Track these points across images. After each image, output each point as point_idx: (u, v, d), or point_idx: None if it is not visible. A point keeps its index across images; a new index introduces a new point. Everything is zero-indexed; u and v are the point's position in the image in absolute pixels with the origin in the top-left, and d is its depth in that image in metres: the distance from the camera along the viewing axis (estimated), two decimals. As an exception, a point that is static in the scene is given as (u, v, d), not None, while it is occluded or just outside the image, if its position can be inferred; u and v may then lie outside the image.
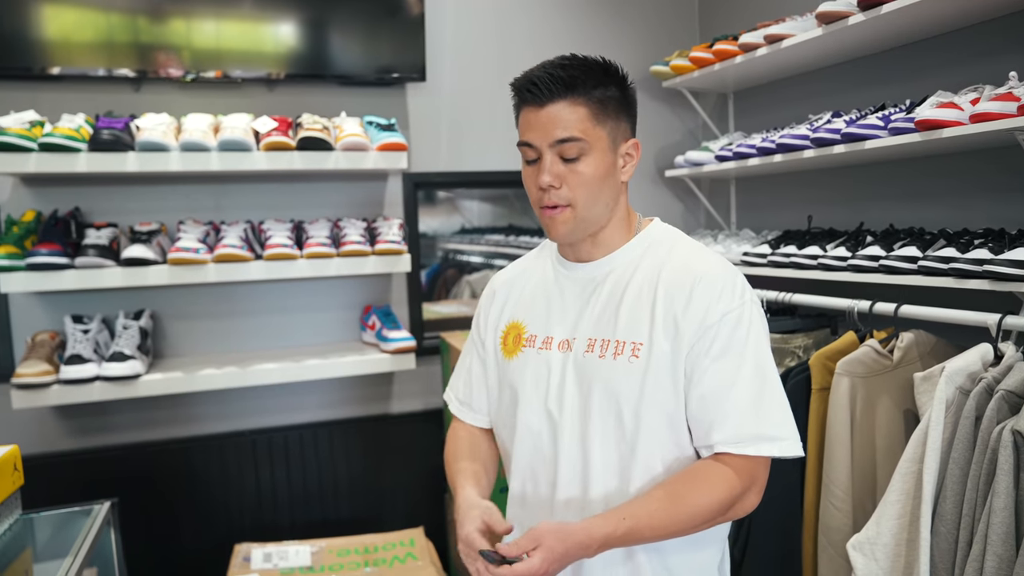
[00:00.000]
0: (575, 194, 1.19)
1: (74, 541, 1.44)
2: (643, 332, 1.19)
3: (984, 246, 1.71)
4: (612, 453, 1.22)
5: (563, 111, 1.17)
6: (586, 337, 1.24)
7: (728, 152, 2.57)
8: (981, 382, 1.46)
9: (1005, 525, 1.31)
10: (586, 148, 1.18)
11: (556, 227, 1.22)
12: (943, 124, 1.75)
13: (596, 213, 1.22)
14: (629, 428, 1.20)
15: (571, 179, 1.18)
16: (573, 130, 1.17)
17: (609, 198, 1.23)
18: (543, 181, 1.18)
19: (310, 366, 2.49)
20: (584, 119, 1.17)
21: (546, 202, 1.21)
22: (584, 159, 1.18)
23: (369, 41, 2.69)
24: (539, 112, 1.18)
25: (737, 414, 1.16)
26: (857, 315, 1.94)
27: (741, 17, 2.91)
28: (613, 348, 1.20)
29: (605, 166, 1.20)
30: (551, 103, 1.17)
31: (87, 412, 2.52)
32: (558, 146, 1.17)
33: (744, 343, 1.17)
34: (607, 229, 1.27)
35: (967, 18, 1.97)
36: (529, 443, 1.30)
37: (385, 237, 2.54)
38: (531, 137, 1.19)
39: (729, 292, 1.19)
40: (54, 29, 2.36)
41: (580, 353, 1.24)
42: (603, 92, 1.19)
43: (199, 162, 2.29)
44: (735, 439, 1.16)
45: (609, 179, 1.22)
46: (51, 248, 2.19)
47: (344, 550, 2.40)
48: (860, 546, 1.54)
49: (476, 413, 1.43)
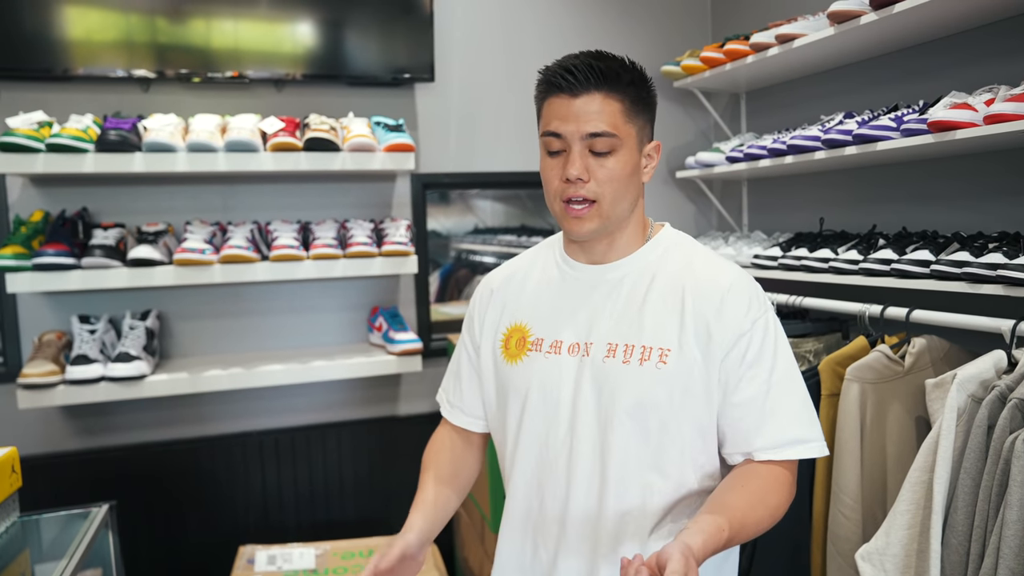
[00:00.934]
0: (603, 190, 1.15)
1: (71, 544, 1.43)
2: (671, 338, 1.16)
3: (998, 250, 1.67)
4: (633, 464, 1.17)
5: (598, 103, 1.14)
6: (605, 342, 1.19)
7: (739, 153, 2.53)
8: (994, 390, 1.42)
9: (1018, 538, 1.27)
10: (617, 144, 1.15)
11: (581, 224, 1.17)
12: (957, 125, 1.71)
13: (620, 211, 1.19)
14: (655, 436, 1.16)
15: (600, 174, 1.15)
16: (608, 124, 1.14)
17: (632, 197, 1.21)
18: (571, 173, 1.14)
19: (316, 367, 2.49)
20: (618, 114, 1.14)
21: (570, 195, 1.16)
22: (614, 155, 1.15)
23: (381, 41, 2.68)
24: (572, 102, 1.14)
25: (775, 420, 1.16)
26: (868, 320, 1.90)
27: (753, 17, 2.87)
28: (639, 354, 1.17)
29: (632, 164, 1.18)
30: (586, 93, 1.14)
31: (93, 412, 2.52)
32: (590, 139, 1.14)
33: (774, 348, 1.18)
34: (625, 231, 1.24)
35: (981, 17, 1.93)
36: (535, 454, 1.24)
37: (392, 238, 2.52)
38: (560, 127, 1.15)
39: (756, 300, 1.19)
40: (75, 30, 2.37)
41: (599, 358, 1.19)
42: (636, 91, 1.17)
43: (206, 163, 2.29)
44: (775, 444, 1.16)
45: (634, 178, 1.19)
46: (58, 248, 2.19)
47: (349, 553, 2.39)
48: (869, 556, 1.51)
49: (466, 416, 1.40)
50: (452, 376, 1.43)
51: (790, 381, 1.19)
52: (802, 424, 1.18)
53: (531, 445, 1.25)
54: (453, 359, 1.44)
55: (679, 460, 1.17)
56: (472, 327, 1.38)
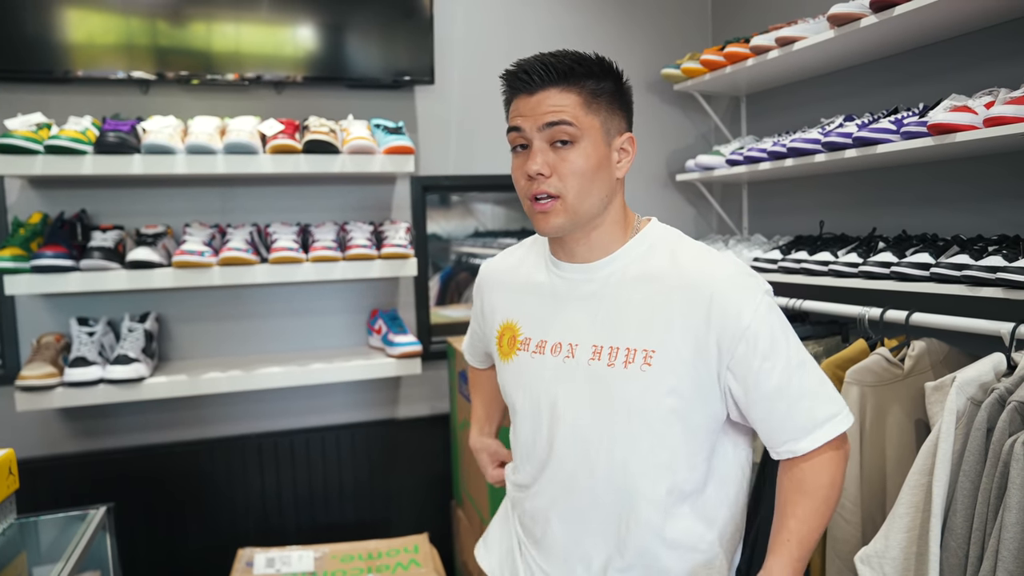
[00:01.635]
0: (565, 184, 1.14)
1: (68, 546, 1.43)
2: (655, 339, 1.15)
3: (998, 253, 1.67)
4: (618, 463, 1.17)
5: (555, 97, 1.14)
6: (591, 344, 1.19)
7: (739, 156, 2.53)
8: (993, 393, 1.42)
9: (1017, 541, 1.27)
10: (577, 134, 1.14)
11: (546, 220, 1.16)
12: (956, 128, 1.71)
13: (588, 206, 1.17)
14: (643, 440, 1.16)
15: (561, 167, 1.14)
16: (563, 114, 1.13)
17: (603, 192, 1.18)
18: (531, 168, 1.14)
19: (315, 370, 2.48)
20: (575, 105, 1.14)
21: (534, 191, 1.16)
22: (575, 147, 1.14)
23: (381, 44, 2.68)
24: (529, 99, 1.15)
25: (804, 403, 1.16)
26: (868, 323, 1.89)
27: (753, 19, 2.87)
28: (624, 356, 1.16)
29: (597, 157, 1.16)
30: (542, 89, 1.14)
31: (91, 415, 2.52)
32: (547, 130, 1.14)
33: (782, 332, 1.17)
34: (602, 229, 1.21)
35: (981, 20, 1.93)
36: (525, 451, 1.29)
37: (391, 241, 2.52)
38: (520, 122, 1.16)
39: (751, 291, 1.16)
40: (76, 33, 2.37)
41: (584, 361, 1.19)
42: (596, 83, 1.16)
43: (205, 165, 2.29)
44: (811, 428, 1.16)
45: (602, 172, 1.17)
46: (56, 250, 2.19)
47: (347, 556, 2.38)
48: (868, 559, 1.50)
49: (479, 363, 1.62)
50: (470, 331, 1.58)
51: (806, 363, 1.18)
52: (828, 400, 1.19)
53: (526, 438, 1.29)
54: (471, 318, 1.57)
55: (669, 462, 1.17)
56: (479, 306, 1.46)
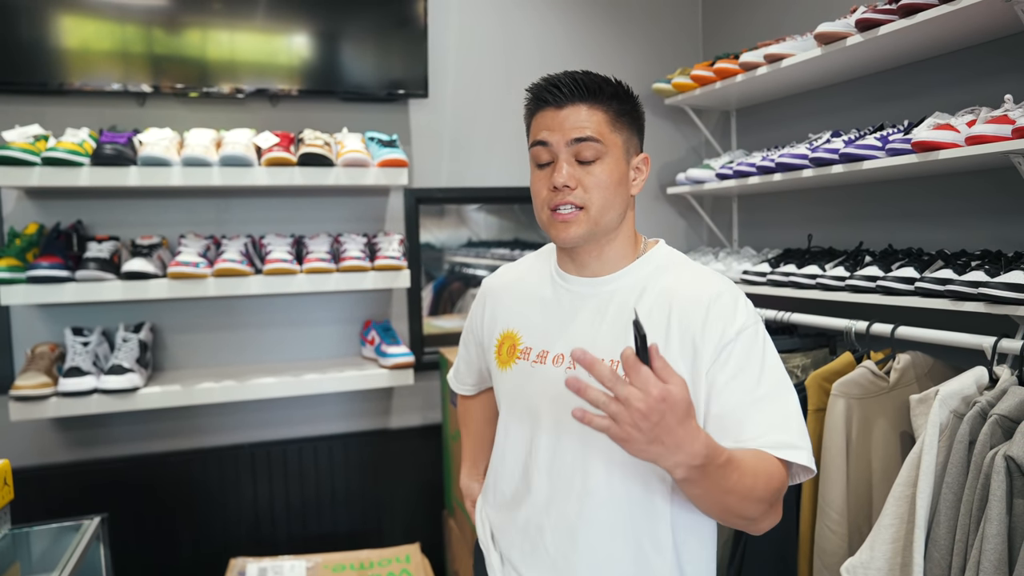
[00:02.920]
0: (590, 196, 1.18)
1: (62, 556, 1.44)
2: None
3: (980, 268, 1.70)
4: (617, 478, 1.19)
5: (584, 113, 1.19)
6: None
7: (728, 170, 2.57)
8: (975, 406, 1.45)
9: (997, 552, 1.29)
10: (603, 151, 1.19)
11: (568, 229, 1.19)
12: (939, 146, 1.75)
13: (608, 220, 1.21)
14: None
15: (587, 180, 1.18)
16: (592, 131, 1.18)
17: (621, 207, 1.23)
18: (558, 180, 1.18)
19: (309, 380, 2.50)
20: (603, 123, 1.19)
21: (558, 202, 1.19)
22: (600, 162, 1.19)
23: (376, 57, 2.71)
24: (558, 113, 1.19)
25: (757, 427, 1.12)
26: (855, 335, 1.92)
27: (743, 36, 2.92)
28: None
29: (620, 173, 1.21)
30: (571, 104, 1.19)
31: (85, 424, 2.53)
32: (575, 145, 1.18)
33: (762, 360, 1.16)
34: (614, 244, 1.25)
35: (965, 40, 1.97)
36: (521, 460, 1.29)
37: (385, 252, 2.54)
38: (547, 136, 1.20)
39: (743, 310, 1.18)
40: (71, 43, 2.39)
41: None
42: (620, 104, 1.22)
43: (200, 177, 2.31)
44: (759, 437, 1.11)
45: (622, 187, 1.22)
46: (52, 261, 2.20)
47: (340, 565, 2.39)
48: (854, 570, 1.53)
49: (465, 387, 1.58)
50: (461, 360, 1.57)
51: (778, 393, 1.15)
52: (789, 431, 1.13)
53: (519, 450, 1.29)
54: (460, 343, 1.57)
55: (661, 476, 1.18)
56: (474, 322, 1.45)
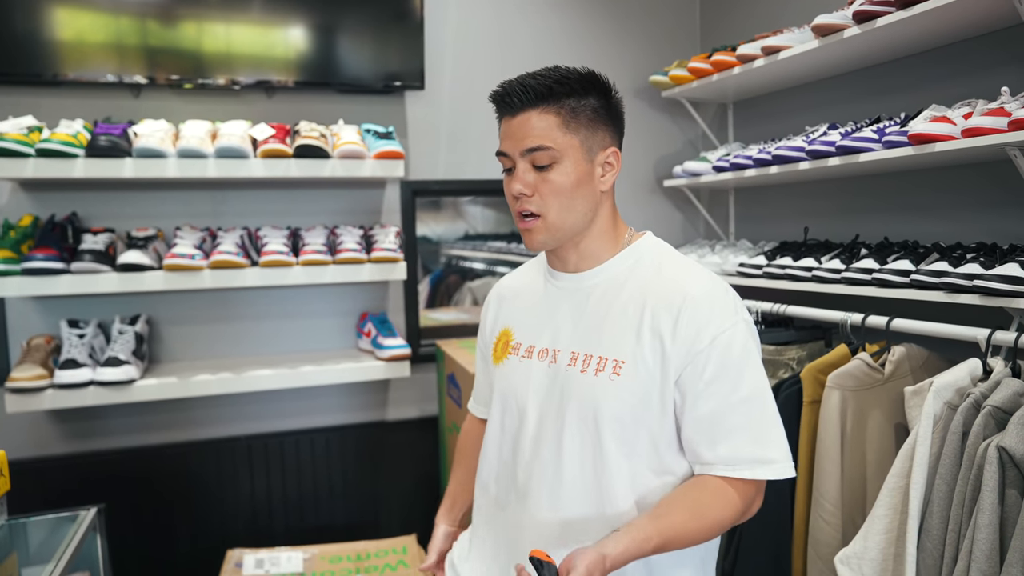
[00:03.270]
0: (546, 202, 1.19)
1: (59, 547, 1.44)
2: (626, 350, 1.17)
3: (975, 261, 1.70)
4: (588, 471, 1.19)
5: (532, 120, 1.18)
6: (570, 350, 1.23)
7: (725, 163, 2.57)
8: (969, 397, 1.45)
9: (989, 542, 1.30)
10: (557, 156, 1.17)
11: (531, 237, 1.23)
12: (936, 138, 1.75)
13: (571, 222, 1.21)
14: (606, 445, 1.17)
15: (542, 188, 1.19)
16: (542, 139, 1.17)
17: (585, 207, 1.21)
18: (514, 189, 1.20)
19: (305, 373, 2.50)
20: (553, 127, 1.17)
21: (519, 209, 1.22)
22: (555, 168, 1.18)
23: (372, 49, 2.70)
24: (511, 121, 1.20)
25: (732, 438, 1.14)
26: (850, 328, 1.93)
27: (740, 28, 2.91)
28: (596, 364, 1.19)
29: (578, 175, 1.19)
30: (521, 112, 1.18)
31: (81, 416, 2.53)
32: (528, 155, 1.18)
33: (739, 365, 1.15)
34: (589, 239, 1.25)
35: (962, 32, 1.97)
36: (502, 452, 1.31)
37: (381, 245, 2.54)
38: (505, 146, 1.22)
39: (719, 313, 1.16)
40: (66, 34, 2.37)
41: (563, 366, 1.23)
42: (576, 101, 1.18)
43: (196, 169, 2.30)
44: (732, 461, 1.14)
45: (584, 188, 1.20)
46: (47, 253, 2.20)
47: (336, 557, 2.40)
48: (848, 560, 1.54)
49: (482, 407, 1.51)
50: (480, 377, 1.52)
51: (754, 399, 1.15)
52: (762, 444, 1.15)
53: (500, 443, 1.32)
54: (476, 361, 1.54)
55: (631, 471, 1.18)
56: (484, 330, 1.46)
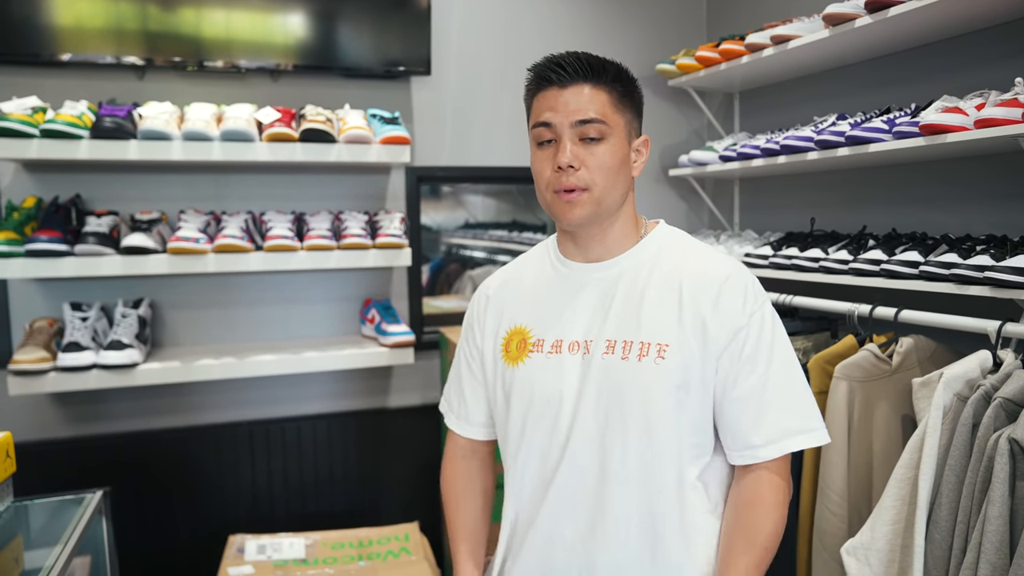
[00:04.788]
0: (594, 176, 1.18)
1: (65, 529, 1.44)
2: (670, 333, 1.17)
3: (986, 252, 1.70)
4: (634, 459, 1.18)
5: (587, 93, 1.18)
6: (604, 339, 1.20)
7: (732, 152, 2.55)
8: (979, 389, 1.45)
9: (999, 533, 1.30)
10: (607, 132, 1.18)
11: (573, 210, 1.19)
12: (947, 129, 1.74)
13: (612, 200, 1.21)
14: (654, 432, 1.17)
15: (590, 161, 1.18)
16: (596, 112, 1.17)
17: (624, 188, 1.23)
18: (562, 160, 1.17)
19: (308, 358, 2.49)
20: (606, 104, 1.18)
21: (563, 184, 1.18)
22: (604, 143, 1.18)
23: (376, 33, 2.68)
24: (562, 92, 1.18)
25: (776, 411, 1.18)
26: (857, 319, 1.93)
27: (748, 17, 2.89)
28: (637, 350, 1.17)
29: (622, 154, 1.21)
30: (574, 84, 1.18)
31: (84, 400, 2.52)
32: (579, 127, 1.17)
33: (771, 341, 1.19)
34: (616, 226, 1.25)
35: (975, 22, 1.95)
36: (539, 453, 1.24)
37: (386, 231, 2.53)
38: (551, 117, 1.18)
39: (753, 290, 1.21)
40: (64, 15, 2.35)
41: (599, 355, 1.19)
42: (621, 85, 1.21)
43: (201, 151, 2.29)
44: (778, 437, 1.18)
45: (624, 169, 1.22)
46: (51, 235, 2.18)
47: (338, 543, 2.40)
48: (854, 551, 1.54)
49: (471, 425, 1.40)
50: (454, 386, 1.43)
51: (788, 372, 1.20)
52: (800, 415, 1.20)
53: (535, 445, 1.25)
54: (453, 369, 1.44)
55: (678, 455, 1.18)
56: (472, 334, 1.38)
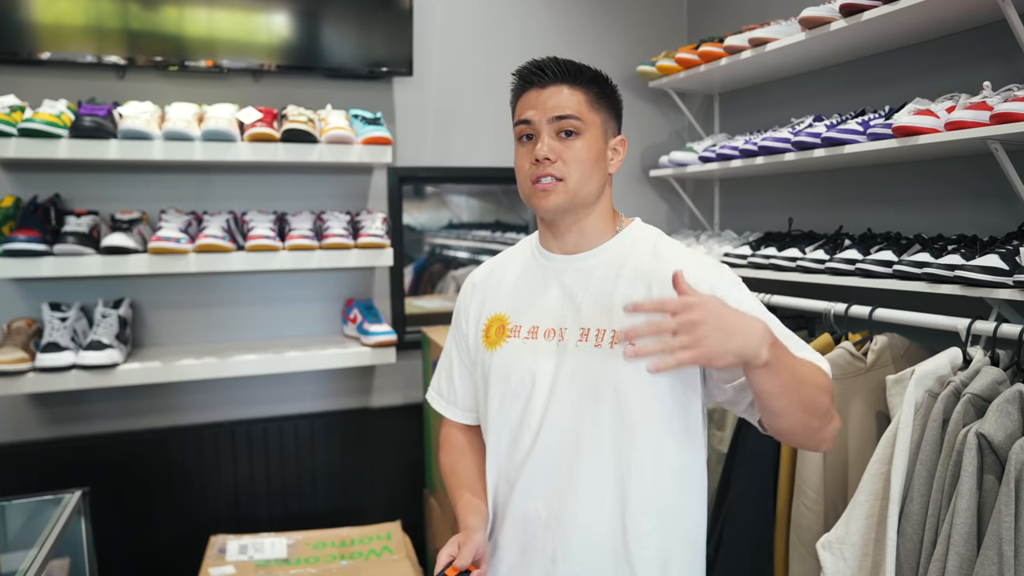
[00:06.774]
0: (569, 168, 1.24)
1: (42, 531, 1.43)
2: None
3: (957, 252, 1.73)
4: (607, 443, 1.22)
5: (564, 93, 1.26)
6: (578, 327, 1.26)
7: (711, 153, 2.58)
8: (949, 385, 1.48)
9: (967, 526, 1.33)
10: (582, 128, 1.25)
11: (547, 198, 1.25)
12: (919, 131, 1.77)
13: (586, 193, 1.27)
14: (628, 415, 1.21)
15: (566, 154, 1.25)
16: (572, 109, 1.25)
17: (598, 183, 1.28)
18: (539, 153, 1.24)
19: (290, 358, 2.49)
20: (582, 103, 1.26)
21: (539, 174, 1.25)
22: (579, 138, 1.25)
23: (359, 34, 2.68)
24: (541, 92, 1.27)
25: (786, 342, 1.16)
26: (833, 317, 1.96)
27: (728, 20, 2.92)
28: (610, 337, 1.23)
29: (597, 150, 1.27)
30: (553, 85, 1.27)
31: (63, 401, 2.50)
32: (556, 122, 1.25)
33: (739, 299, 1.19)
34: (591, 218, 1.30)
35: (946, 27, 1.99)
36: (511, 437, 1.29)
37: (368, 231, 2.54)
38: (531, 115, 1.26)
39: (715, 268, 1.27)
40: (44, 13, 2.33)
41: (572, 343, 1.25)
42: (597, 87, 1.29)
43: (182, 151, 2.28)
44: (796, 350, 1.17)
45: (599, 164, 1.28)
46: (29, 234, 2.17)
47: (320, 543, 2.40)
48: (829, 545, 1.56)
49: (463, 411, 1.45)
50: (444, 373, 1.48)
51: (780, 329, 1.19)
52: (803, 348, 1.21)
53: (508, 426, 1.30)
54: (443, 357, 1.49)
55: (655, 441, 1.22)
56: (459, 322, 1.44)
